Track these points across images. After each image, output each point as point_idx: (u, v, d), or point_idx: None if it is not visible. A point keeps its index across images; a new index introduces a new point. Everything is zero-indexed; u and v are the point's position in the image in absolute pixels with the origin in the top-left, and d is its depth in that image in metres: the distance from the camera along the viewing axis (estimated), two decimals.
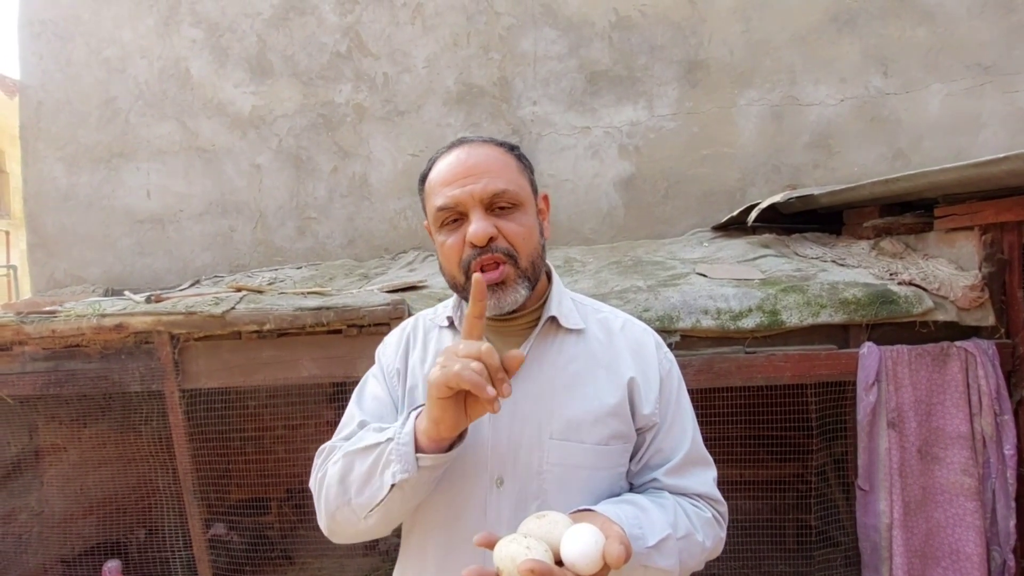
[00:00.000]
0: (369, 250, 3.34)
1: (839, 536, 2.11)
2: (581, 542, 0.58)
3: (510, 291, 0.79)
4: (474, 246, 0.77)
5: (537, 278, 0.83)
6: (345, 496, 0.77)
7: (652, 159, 3.16)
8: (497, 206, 0.79)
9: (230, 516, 2.68)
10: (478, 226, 0.76)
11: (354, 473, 0.76)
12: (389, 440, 0.73)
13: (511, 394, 0.66)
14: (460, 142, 0.84)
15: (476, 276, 0.69)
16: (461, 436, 0.74)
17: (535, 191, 0.87)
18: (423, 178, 0.86)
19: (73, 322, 1.97)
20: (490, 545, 0.64)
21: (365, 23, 3.32)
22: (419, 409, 0.74)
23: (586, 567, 0.57)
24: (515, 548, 0.58)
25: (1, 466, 2.29)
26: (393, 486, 0.71)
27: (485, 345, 0.66)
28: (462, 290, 0.82)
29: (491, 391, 0.63)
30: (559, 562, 0.60)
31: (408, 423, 0.73)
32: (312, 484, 0.84)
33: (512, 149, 0.85)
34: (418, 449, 0.71)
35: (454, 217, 0.79)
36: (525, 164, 0.86)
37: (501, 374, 0.65)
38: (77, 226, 3.46)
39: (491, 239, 0.77)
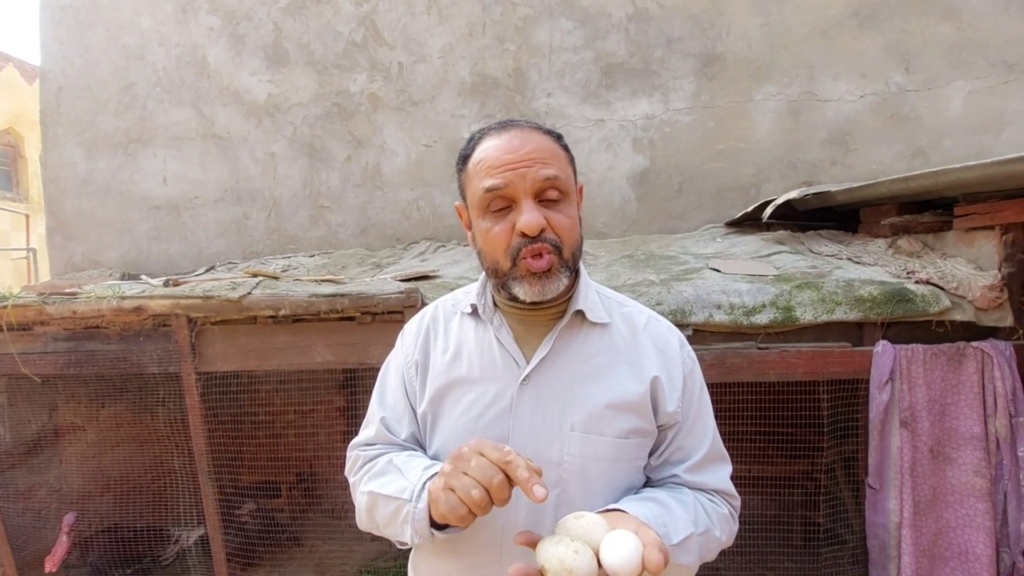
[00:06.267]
0: (381, 239, 3.35)
1: (846, 534, 2.11)
2: (623, 550, 0.61)
3: (554, 279, 0.78)
4: (524, 235, 0.76)
5: (575, 268, 0.83)
6: (374, 524, 0.84)
7: (666, 153, 3.14)
8: (545, 195, 0.78)
9: (242, 498, 2.73)
10: (531, 216, 0.75)
11: (379, 513, 0.82)
12: (407, 501, 0.76)
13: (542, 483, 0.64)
14: (508, 124, 0.82)
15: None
16: None
17: (575, 181, 0.86)
18: (464, 158, 0.83)
19: (93, 304, 2.01)
20: (531, 544, 0.64)
21: (381, 12, 3.32)
22: (433, 478, 0.74)
23: (627, 574, 0.60)
24: (563, 550, 0.60)
25: (22, 443, 2.34)
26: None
27: (510, 454, 0.66)
28: (504, 276, 0.80)
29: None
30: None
31: (423, 499, 0.74)
32: (348, 476, 0.92)
33: (559, 138, 0.84)
34: (434, 524, 0.73)
35: (502, 205, 0.78)
36: (570, 154, 0.85)
37: (524, 473, 0.63)
38: (95, 211, 3.50)
39: (542, 230, 0.76)
